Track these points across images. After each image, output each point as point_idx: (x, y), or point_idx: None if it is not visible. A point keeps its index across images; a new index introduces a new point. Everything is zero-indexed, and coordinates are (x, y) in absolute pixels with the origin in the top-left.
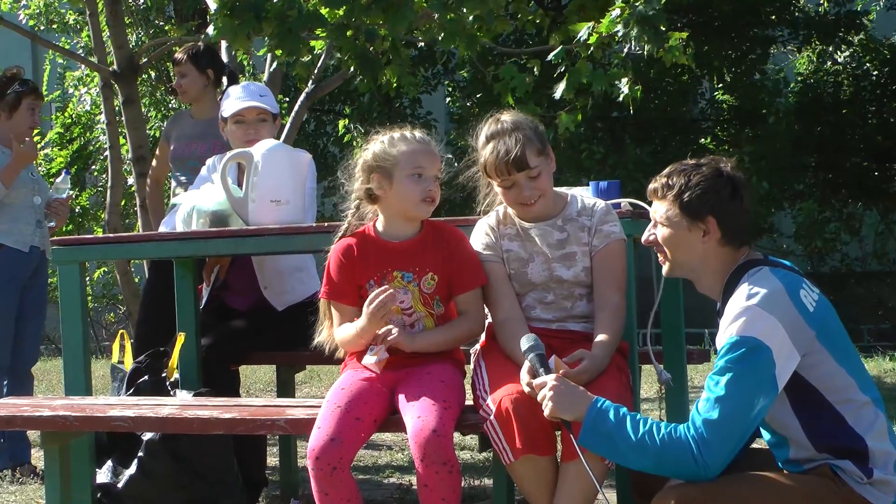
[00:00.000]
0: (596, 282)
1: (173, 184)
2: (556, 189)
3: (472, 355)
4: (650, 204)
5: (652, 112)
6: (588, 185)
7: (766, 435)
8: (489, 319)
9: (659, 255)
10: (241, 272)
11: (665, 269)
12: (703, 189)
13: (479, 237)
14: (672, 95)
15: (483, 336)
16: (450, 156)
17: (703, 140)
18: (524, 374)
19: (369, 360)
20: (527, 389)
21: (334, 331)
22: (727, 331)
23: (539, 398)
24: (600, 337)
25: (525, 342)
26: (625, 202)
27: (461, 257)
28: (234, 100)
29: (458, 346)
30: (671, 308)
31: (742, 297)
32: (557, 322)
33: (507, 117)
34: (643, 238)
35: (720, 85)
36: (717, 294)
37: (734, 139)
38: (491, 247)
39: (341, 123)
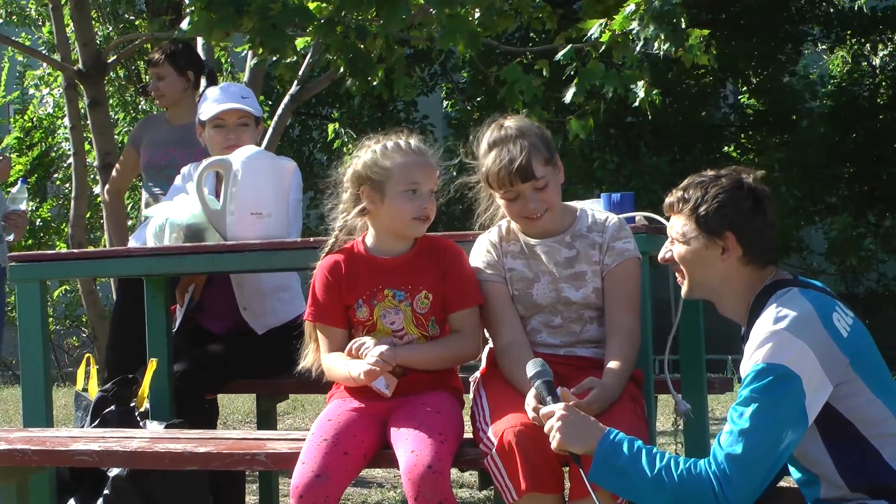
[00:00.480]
0: (608, 304)
1: (144, 195)
2: (565, 202)
3: (472, 383)
4: (668, 219)
5: (670, 117)
6: (600, 197)
7: (794, 472)
8: (490, 344)
9: (677, 274)
10: (219, 292)
11: (684, 289)
12: (721, 202)
13: (480, 254)
14: (693, 99)
15: (483, 362)
16: (454, 165)
17: (726, 148)
18: (530, 402)
19: (385, 388)
20: (532, 418)
21: (322, 358)
22: (752, 357)
23: (546, 429)
24: (612, 364)
25: (531, 367)
26: (640, 216)
27: (456, 273)
28: (213, 102)
29: (449, 367)
30: (690, 332)
31: (769, 321)
32: (565, 347)
33: (511, 123)
34: (660, 256)
35: (745, 88)
36: (742, 317)
37: (761, 147)
38: (492, 265)
39: (329, 128)
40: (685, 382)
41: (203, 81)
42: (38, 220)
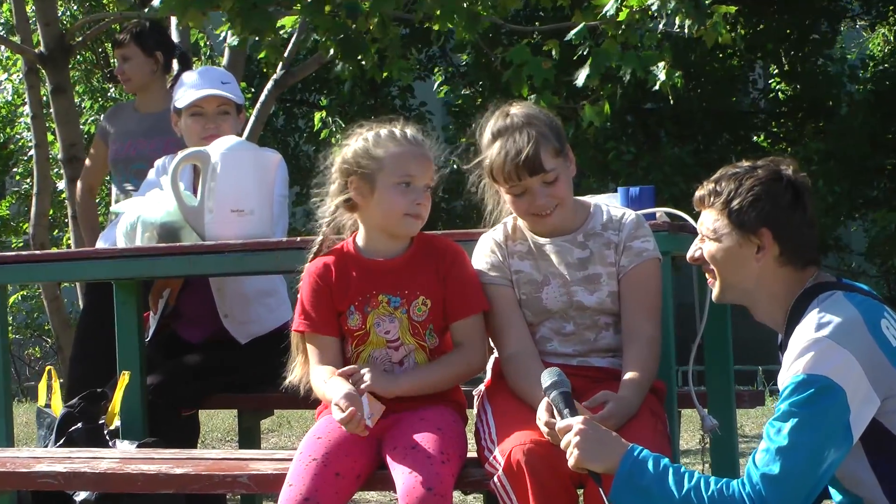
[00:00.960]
0: (625, 309)
1: (114, 191)
2: (577, 197)
3: (476, 397)
4: (696, 215)
5: (694, 103)
6: (615, 191)
7: (836, 495)
8: (495, 355)
9: (707, 275)
10: (196, 297)
11: (714, 292)
12: (756, 196)
13: (483, 255)
14: (718, 83)
15: (488, 374)
16: (454, 156)
17: (755, 137)
18: (543, 415)
19: (368, 418)
20: (546, 433)
21: (311, 371)
22: (792, 368)
23: (563, 445)
24: (630, 375)
25: (547, 377)
26: (660, 212)
27: (457, 277)
28: (190, 88)
29: (454, 386)
30: (718, 340)
31: (810, 328)
32: (578, 357)
33: (517, 110)
34: (689, 254)
35: (777, 70)
36: (779, 324)
37: (794, 136)
38: (497, 267)
39: (317, 116)
40: (712, 396)
41: (175, 65)
42: None
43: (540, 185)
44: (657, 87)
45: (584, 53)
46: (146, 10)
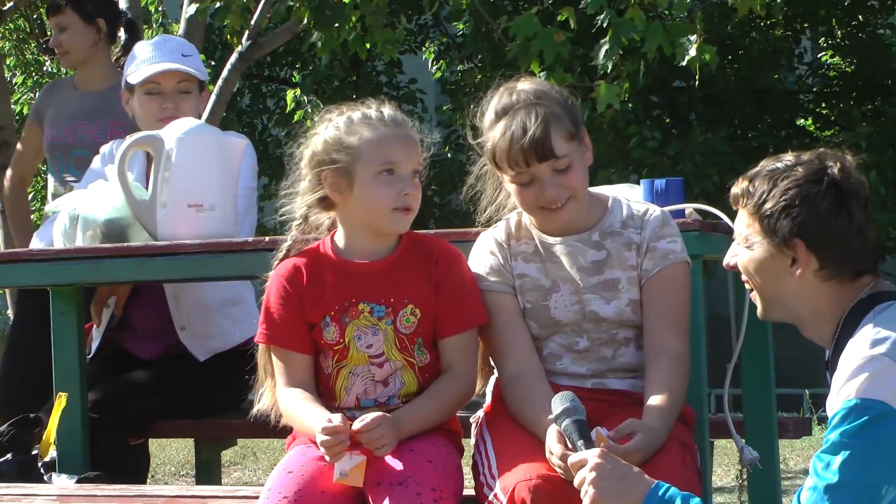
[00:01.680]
0: (647, 320)
1: (51, 183)
2: (593, 189)
3: (473, 425)
4: (732, 212)
5: (730, 81)
6: (638, 184)
7: None
8: (496, 375)
9: (747, 286)
10: (147, 307)
11: (758, 309)
12: (789, 200)
13: (482, 257)
14: (759, 58)
15: (488, 398)
16: (450, 142)
17: (801, 121)
18: (555, 447)
19: (339, 474)
20: (557, 467)
21: (278, 393)
22: (842, 391)
23: (576, 482)
24: (655, 400)
25: (559, 403)
26: (690, 208)
27: (454, 286)
28: (145, 61)
29: (452, 415)
30: (757, 358)
31: (864, 344)
32: (593, 378)
33: (525, 86)
34: (725, 260)
35: (827, 43)
36: (827, 340)
37: (847, 119)
38: (498, 271)
39: (289, 95)
40: (750, 423)
41: (122, 34)
42: None
43: (550, 174)
44: (686, 64)
45: (604, 25)
46: None
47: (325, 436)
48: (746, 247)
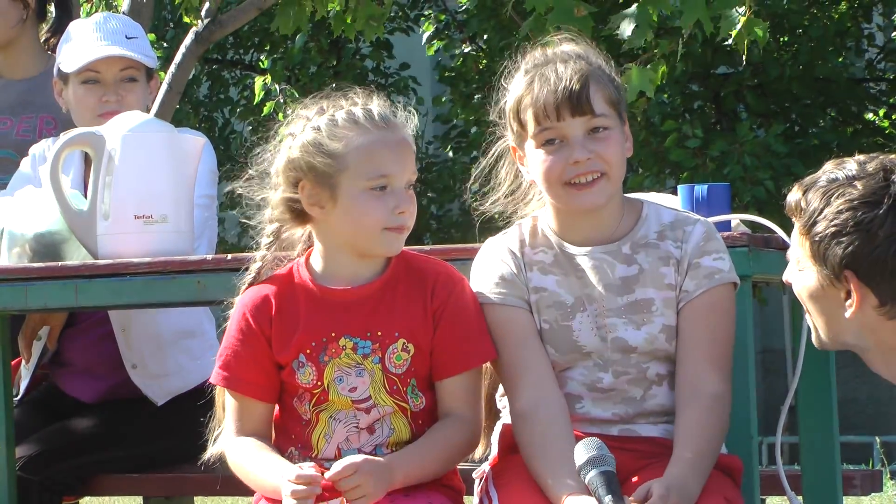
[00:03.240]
0: (683, 352)
1: None
2: (626, 195)
3: (477, 481)
4: (789, 226)
5: (786, 68)
6: (675, 191)
7: None
8: (503, 421)
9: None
10: (87, 339)
11: (812, 336)
12: (840, 226)
13: (490, 265)
14: (820, 40)
15: (494, 448)
16: (450, 139)
17: (870, 115)
18: None
19: None
20: None
21: (227, 444)
22: None
23: None
24: (685, 448)
25: (583, 451)
26: (737, 220)
27: (454, 315)
28: (83, 44)
29: (452, 466)
30: (817, 400)
31: None
32: (620, 424)
33: (562, 46)
34: (784, 275)
35: None
36: None
37: None
38: (510, 282)
39: (257, 84)
40: (809, 478)
41: (52, 11)
42: None
43: (583, 134)
44: (732, 43)
45: None
46: None
47: (297, 485)
48: (800, 270)
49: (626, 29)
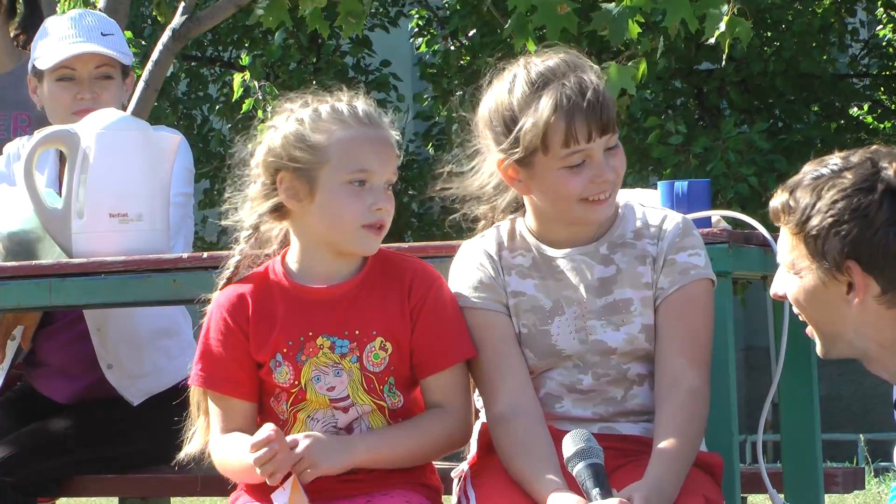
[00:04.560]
0: (661, 349)
1: None
2: None
3: (456, 480)
4: (770, 224)
5: (769, 63)
6: (655, 187)
7: None
8: (482, 420)
9: (801, 318)
10: (62, 339)
11: (817, 347)
12: (836, 215)
13: (467, 269)
14: (804, 35)
15: (473, 447)
16: (432, 137)
17: (856, 110)
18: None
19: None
20: None
21: (211, 442)
22: None
23: None
24: (663, 446)
25: (571, 443)
26: (718, 216)
27: (433, 315)
28: (58, 41)
29: (430, 460)
30: (799, 397)
31: None
32: (601, 422)
33: (554, 55)
34: (773, 289)
35: (887, 15)
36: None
37: None
38: (488, 285)
39: (236, 81)
40: (790, 475)
41: (20, 7)
42: None
43: (602, 152)
44: (715, 41)
45: None
46: None
47: (256, 452)
48: (794, 273)
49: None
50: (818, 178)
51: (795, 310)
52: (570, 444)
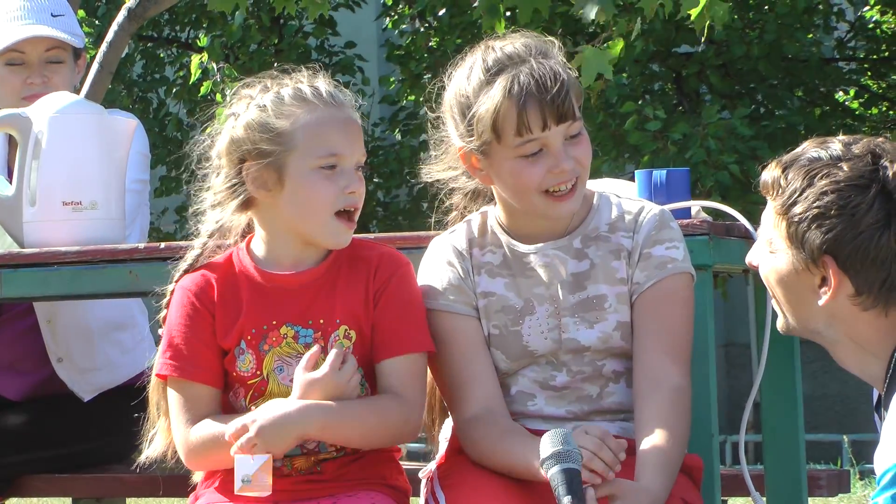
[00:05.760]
0: (639, 346)
1: None
2: None
3: (423, 481)
4: (752, 214)
5: (751, 46)
6: (632, 176)
7: None
8: (451, 422)
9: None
10: (10, 332)
11: (778, 321)
12: (823, 208)
13: (437, 269)
14: (787, 17)
15: (442, 447)
16: (399, 122)
17: (841, 94)
18: None
19: (242, 482)
20: None
21: (185, 435)
22: (894, 446)
23: None
24: (650, 449)
25: (549, 443)
26: (697, 206)
27: (395, 298)
28: (5, 21)
29: (376, 444)
30: (781, 396)
31: None
32: (575, 421)
33: (515, 41)
34: (748, 258)
35: None
36: (874, 376)
37: None
38: (457, 287)
39: (193, 63)
40: (773, 478)
41: None
42: None
43: (562, 141)
44: (693, 21)
45: None
46: None
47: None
48: (770, 251)
49: (591, 11)
50: (814, 161)
51: (767, 285)
52: (547, 445)
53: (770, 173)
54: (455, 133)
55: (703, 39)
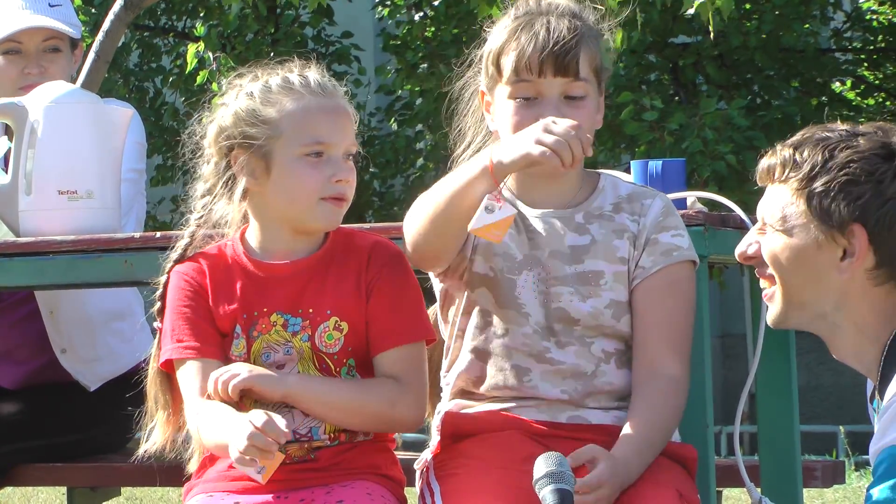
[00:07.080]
0: (640, 334)
1: None
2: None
3: (418, 472)
4: (748, 203)
5: (749, 37)
6: (628, 167)
7: None
8: (444, 407)
9: (762, 282)
10: (7, 321)
11: (772, 311)
12: (852, 176)
13: None
14: (784, 8)
15: (436, 435)
16: (395, 112)
17: (838, 85)
18: None
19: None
20: None
21: (194, 408)
22: (889, 434)
23: None
24: (633, 428)
25: (543, 464)
26: (694, 197)
27: (388, 286)
28: (3, 13)
29: (370, 428)
30: (776, 387)
31: None
32: (570, 408)
33: (560, 0)
34: (739, 249)
35: None
36: (869, 366)
37: (895, 84)
38: None
39: (190, 52)
40: (768, 468)
41: None
42: None
43: (559, 97)
44: (695, 12)
45: None
46: None
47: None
48: (782, 231)
49: None
50: (826, 139)
51: (768, 271)
52: (542, 465)
53: (777, 156)
54: (480, 76)
55: (710, 31)
